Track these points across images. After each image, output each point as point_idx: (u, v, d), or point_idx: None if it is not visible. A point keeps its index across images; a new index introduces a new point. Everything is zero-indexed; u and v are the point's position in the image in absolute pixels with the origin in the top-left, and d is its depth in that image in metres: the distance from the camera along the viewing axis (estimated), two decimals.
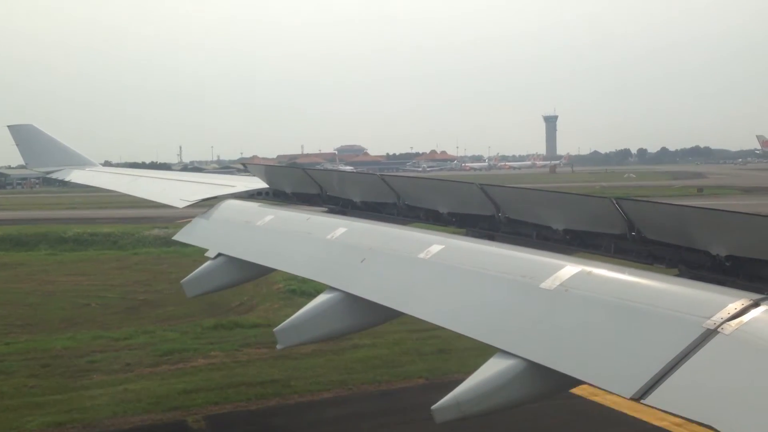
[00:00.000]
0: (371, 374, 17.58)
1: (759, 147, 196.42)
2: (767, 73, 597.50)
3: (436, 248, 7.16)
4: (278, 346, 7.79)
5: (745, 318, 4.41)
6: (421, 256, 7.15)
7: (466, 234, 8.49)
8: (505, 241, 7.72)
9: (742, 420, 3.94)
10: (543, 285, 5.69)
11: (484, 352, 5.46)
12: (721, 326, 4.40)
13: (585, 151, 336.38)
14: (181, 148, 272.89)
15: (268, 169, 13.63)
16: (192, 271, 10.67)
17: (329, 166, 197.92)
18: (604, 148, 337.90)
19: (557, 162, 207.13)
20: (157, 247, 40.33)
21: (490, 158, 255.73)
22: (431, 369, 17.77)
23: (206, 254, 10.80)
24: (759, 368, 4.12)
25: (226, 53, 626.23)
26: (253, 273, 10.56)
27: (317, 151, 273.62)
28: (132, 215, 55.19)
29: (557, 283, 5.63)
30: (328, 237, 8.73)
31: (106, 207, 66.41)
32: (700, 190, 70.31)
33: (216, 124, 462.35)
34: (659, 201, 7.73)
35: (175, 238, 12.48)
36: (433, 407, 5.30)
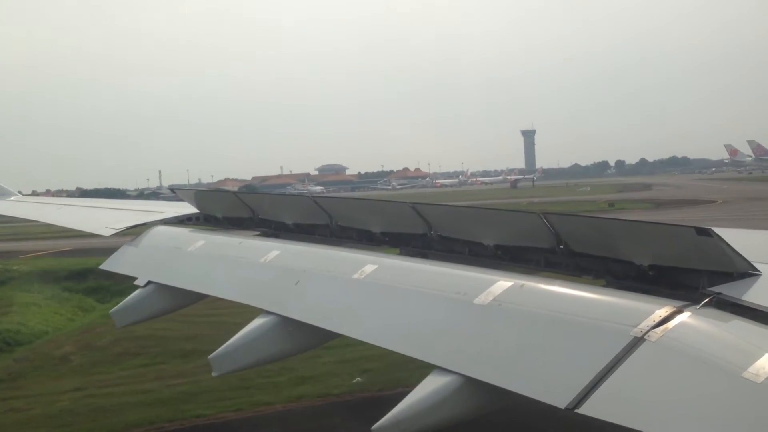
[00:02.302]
0: None
1: (728, 157, 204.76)
2: (747, 83, 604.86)
3: (370, 268, 7.17)
4: (213, 374, 7.64)
5: (670, 325, 4.57)
6: (356, 276, 7.14)
7: (400, 253, 8.54)
8: (438, 258, 7.79)
9: (671, 424, 4.08)
10: (477, 300, 5.76)
11: None
12: (648, 334, 4.55)
13: (566, 163, 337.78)
14: (160, 172, 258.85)
15: (198, 193, 13.43)
16: None
17: (299, 187, 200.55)
18: (585, 161, 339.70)
19: (519, 177, 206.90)
20: None
21: (461, 174, 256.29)
22: None
23: (135, 282, 10.53)
24: (684, 373, 4.28)
25: (205, 75, 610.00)
26: (185, 300, 10.34)
27: (298, 172, 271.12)
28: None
29: (490, 298, 5.71)
30: (261, 260, 8.64)
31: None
32: (611, 205, 72.06)
33: (195, 147, 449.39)
34: (584, 215, 7.96)
35: (102, 267, 12.12)
36: (373, 427, 5.29)
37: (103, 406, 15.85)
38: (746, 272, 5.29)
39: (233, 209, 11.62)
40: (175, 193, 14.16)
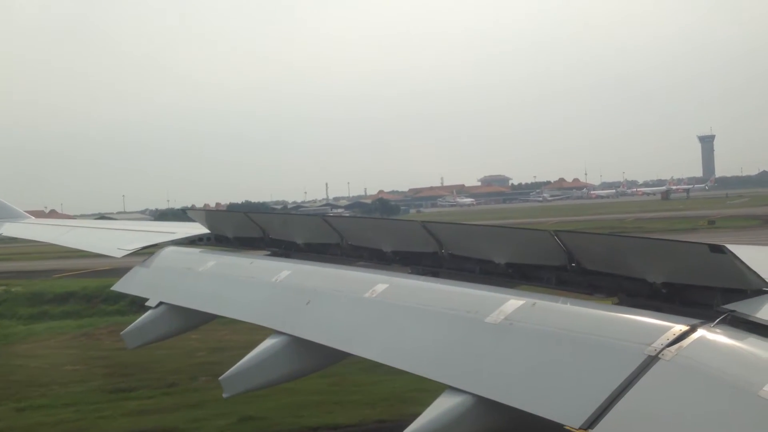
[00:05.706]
0: None
1: None
2: None
3: (381, 287, 7.15)
4: (224, 395, 7.61)
5: (684, 343, 4.52)
6: (367, 295, 7.12)
7: (411, 272, 8.52)
8: (449, 277, 7.77)
9: None
10: (488, 319, 5.73)
11: None
12: (662, 352, 4.49)
13: (753, 171, 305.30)
14: (327, 185, 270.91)
15: (209, 214, 13.50)
16: None
17: (450, 199, 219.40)
18: None
19: (674, 187, 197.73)
20: None
21: (618, 184, 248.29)
22: None
23: (147, 303, 10.55)
24: (699, 392, 4.23)
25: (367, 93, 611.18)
26: (197, 321, 10.34)
27: (454, 183, 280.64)
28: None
29: (502, 317, 5.67)
30: (272, 280, 8.63)
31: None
32: (712, 223, 65.50)
33: (352, 163, 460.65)
34: (596, 233, 7.93)
35: (114, 288, 12.15)
36: None
37: None
38: (761, 289, 5.23)
39: (244, 229, 11.64)
40: (185, 213, 14.22)
